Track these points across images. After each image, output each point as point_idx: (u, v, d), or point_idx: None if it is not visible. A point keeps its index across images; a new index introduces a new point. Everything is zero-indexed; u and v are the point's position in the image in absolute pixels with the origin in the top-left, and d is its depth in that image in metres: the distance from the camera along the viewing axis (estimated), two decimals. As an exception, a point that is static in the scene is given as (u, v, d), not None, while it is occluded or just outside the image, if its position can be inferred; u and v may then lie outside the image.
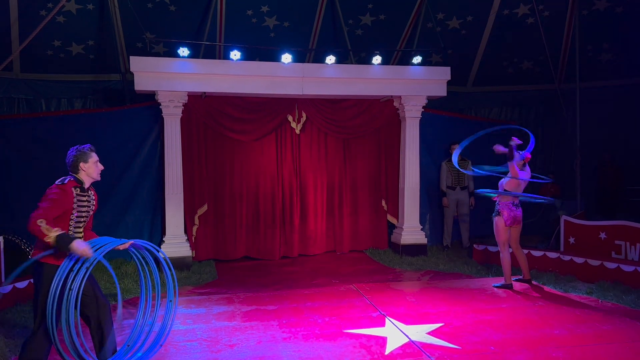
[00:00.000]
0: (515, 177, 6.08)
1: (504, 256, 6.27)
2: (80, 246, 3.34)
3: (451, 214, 8.87)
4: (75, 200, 3.55)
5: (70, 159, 3.65)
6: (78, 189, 3.60)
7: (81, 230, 3.65)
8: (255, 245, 8.34)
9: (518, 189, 6.17)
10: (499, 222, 6.24)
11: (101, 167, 3.75)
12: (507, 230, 6.24)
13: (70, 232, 3.55)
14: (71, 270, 3.33)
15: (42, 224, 3.30)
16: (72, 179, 3.61)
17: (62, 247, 3.32)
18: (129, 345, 3.74)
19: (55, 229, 3.34)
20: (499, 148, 6.22)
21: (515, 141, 6.01)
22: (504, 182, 6.23)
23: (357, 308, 5.57)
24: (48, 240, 3.30)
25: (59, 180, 3.58)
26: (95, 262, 3.40)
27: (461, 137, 8.84)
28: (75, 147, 3.69)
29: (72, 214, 3.55)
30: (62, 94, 9.29)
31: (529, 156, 6.25)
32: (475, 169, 6.41)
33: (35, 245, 3.54)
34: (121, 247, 3.61)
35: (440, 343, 4.50)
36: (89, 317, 3.62)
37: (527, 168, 6.26)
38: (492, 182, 6.77)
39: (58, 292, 3.30)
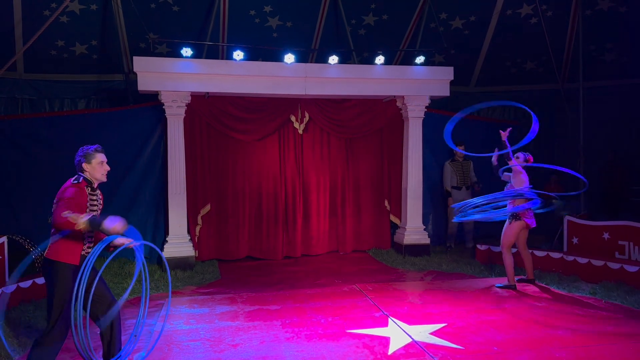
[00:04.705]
0: (519, 176, 6.08)
1: (507, 257, 6.25)
2: (112, 223, 3.31)
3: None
4: (88, 199, 3.59)
5: (76, 160, 3.70)
6: (89, 189, 3.64)
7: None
8: (258, 245, 8.35)
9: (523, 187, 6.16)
10: (513, 226, 6.19)
11: (107, 167, 3.77)
12: (517, 235, 6.22)
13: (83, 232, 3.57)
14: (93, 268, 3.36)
15: (68, 214, 3.30)
16: (83, 178, 3.64)
17: (95, 227, 3.31)
18: (135, 336, 3.76)
19: (82, 214, 3.33)
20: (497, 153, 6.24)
21: (504, 134, 6.02)
22: (513, 183, 6.21)
23: (360, 308, 5.57)
24: (80, 227, 3.28)
25: (74, 179, 3.62)
26: (112, 256, 3.45)
27: (464, 137, 8.90)
28: (82, 148, 3.73)
29: (85, 212, 3.57)
30: (65, 94, 9.31)
31: (531, 158, 6.27)
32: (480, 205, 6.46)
33: (49, 244, 3.56)
34: (130, 245, 3.64)
35: (443, 343, 4.49)
36: (99, 317, 3.64)
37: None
38: (497, 182, 6.75)
39: (83, 291, 3.32)
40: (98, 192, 3.76)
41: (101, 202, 3.80)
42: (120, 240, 3.62)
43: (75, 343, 3.43)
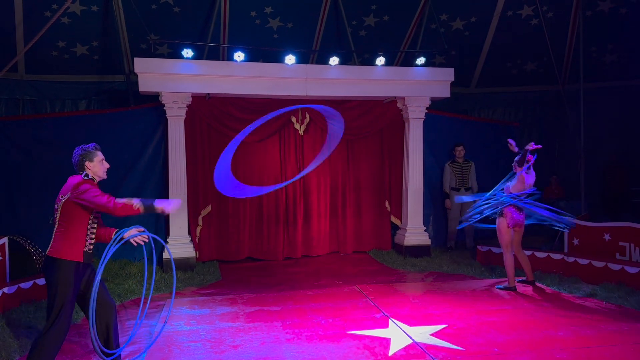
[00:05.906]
0: (522, 182, 6.07)
1: (508, 258, 6.24)
2: (160, 203, 3.67)
3: (455, 216, 8.81)
4: None
5: (76, 159, 3.69)
6: None
7: (96, 225, 3.71)
8: (259, 246, 8.35)
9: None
10: (501, 224, 6.21)
11: (107, 165, 3.82)
12: (509, 232, 6.21)
13: (89, 227, 3.63)
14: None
15: (121, 200, 3.53)
16: (89, 176, 3.68)
17: (148, 209, 3.61)
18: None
19: (134, 199, 3.61)
20: (514, 145, 6.24)
21: (532, 146, 5.93)
22: (510, 185, 6.20)
23: (361, 309, 5.57)
24: (137, 209, 3.56)
25: (83, 174, 3.66)
26: (117, 246, 3.56)
27: (465, 138, 8.91)
28: (80, 147, 3.74)
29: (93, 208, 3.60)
30: (66, 95, 9.32)
31: (531, 158, 6.25)
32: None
33: (51, 243, 3.58)
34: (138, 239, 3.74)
35: (444, 344, 4.49)
36: (95, 318, 3.64)
37: (532, 171, 6.24)
38: (497, 183, 6.75)
39: (95, 297, 3.40)
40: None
41: None
42: (130, 232, 3.73)
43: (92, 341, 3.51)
